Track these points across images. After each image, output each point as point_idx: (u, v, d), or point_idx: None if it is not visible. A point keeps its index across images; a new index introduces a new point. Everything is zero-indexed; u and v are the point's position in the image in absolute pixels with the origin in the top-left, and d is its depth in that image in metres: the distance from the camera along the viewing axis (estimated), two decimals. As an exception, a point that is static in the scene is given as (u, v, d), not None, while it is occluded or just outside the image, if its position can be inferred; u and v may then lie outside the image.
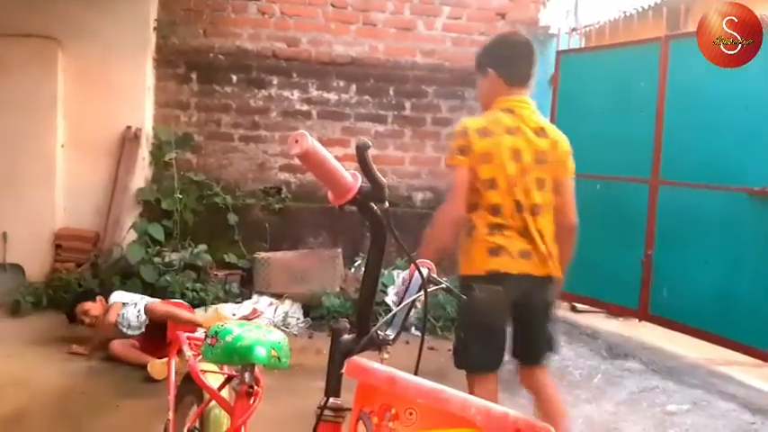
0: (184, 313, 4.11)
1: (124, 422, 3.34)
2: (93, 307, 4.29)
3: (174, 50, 5.77)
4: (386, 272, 5.32)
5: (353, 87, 5.95)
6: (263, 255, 5.40)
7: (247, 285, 5.41)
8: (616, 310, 5.30)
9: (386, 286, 5.21)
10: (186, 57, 5.81)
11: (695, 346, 4.64)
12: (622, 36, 5.63)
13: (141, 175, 5.54)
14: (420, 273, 1.32)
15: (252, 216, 5.69)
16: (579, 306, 5.54)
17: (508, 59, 2.61)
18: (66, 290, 4.94)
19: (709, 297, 4.48)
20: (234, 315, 4.80)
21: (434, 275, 1.51)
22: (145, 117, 5.59)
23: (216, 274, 5.32)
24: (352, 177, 1.14)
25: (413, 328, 4.38)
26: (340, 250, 5.47)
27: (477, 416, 0.97)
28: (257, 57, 5.88)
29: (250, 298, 5.21)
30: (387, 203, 1.15)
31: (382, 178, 1.13)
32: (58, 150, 5.37)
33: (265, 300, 5.14)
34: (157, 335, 4.07)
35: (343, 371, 1.21)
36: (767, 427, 3.56)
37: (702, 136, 4.55)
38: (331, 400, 1.23)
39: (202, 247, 5.31)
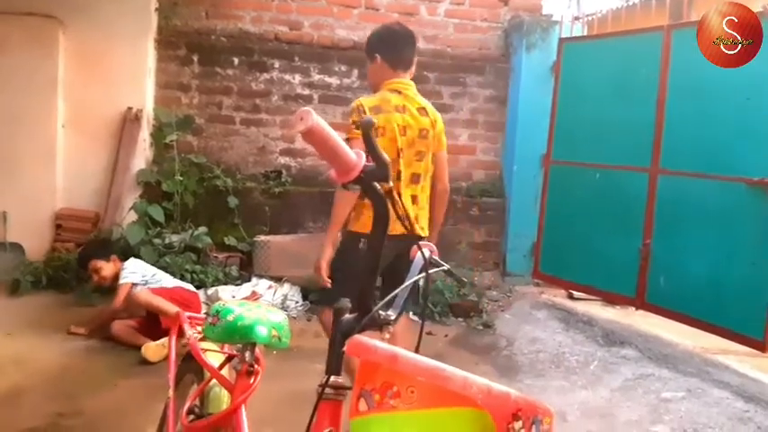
0: (165, 306, 4.05)
1: (122, 401, 3.35)
2: (106, 267, 4.28)
3: (176, 32, 5.73)
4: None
5: (355, 72, 5.92)
6: (262, 238, 5.39)
7: (247, 268, 5.41)
8: (613, 298, 5.30)
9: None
10: (188, 38, 5.77)
11: (691, 334, 4.65)
12: (625, 25, 5.59)
13: (142, 156, 5.52)
14: (423, 255, 1.31)
15: (252, 199, 5.68)
16: (576, 294, 5.54)
17: (392, 47, 2.97)
18: (65, 269, 4.94)
19: (705, 286, 4.48)
20: (233, 297, 4.81)
21: (436, 258, 1.51)
22: (146, 98, 5.57)
23: (216, 257, 5.32)
24: (356, 156, 1.13)
25: (410, 314, 4.38)
26: (339, 234, 5.45)
27: (479, 394, 0.97)
28: (259, 40, 5.84)
29: (249, 281, 5.22)
30: (390, 182, 1.15)
31: (386, 156, 1.13)
32: (59, 130, 5.35)
33: (264, 282, 5.15)
34: (156, 317, 4.09)
35: (344, 349, 1.21)
36: (760, 415, 3.57)
37: (703, 126, 4.53)
38: (332, 378, 1.23)
39: (202, 229, 5.31)
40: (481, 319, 4.97)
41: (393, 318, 1.30)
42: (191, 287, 4.51)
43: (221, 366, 1.83)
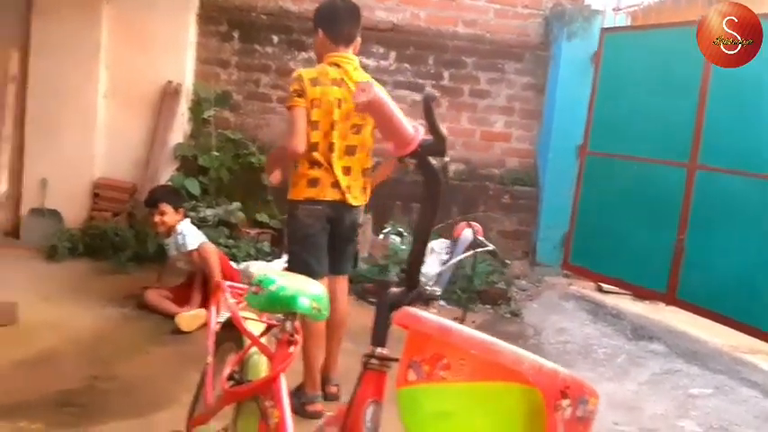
0: (218, 272, 4.07)
1: (155, 367, 3.41)
2: (172, 214, 4.25)
3: (218, 7, 5.76)
4: (414, 240, 5.33)
5: (393, 54, 5.90)
6: (294, 216, 5.42)
7: (278, 245, 5.45)
8: (643, 293, 5.26)
9: (413, 254, 5.22)
10: (229, 14, 5.80)
11: (721, 332, 4.61)
12: (668, 17, 5.50)
13: (180, 130, 5.58)
14: (476, 238, 1.32)
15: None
16: (605, 286, 5.51)
17: (332, 21, 3.01)
18: (102, 237, 5.03)
19: (737, 284, 4.43)
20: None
21: (481, 238, 1.51)
22: (186, 73, 5.61)
23: (248, 232, 5.37)
24: (413, 130, 1.14)
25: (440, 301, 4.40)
26: (370, 216, 5.47)
27: (530, 371, 0.98)
28: (299, 18, 5.84)
29: (280, 257, 5.25)
30: (447, 157, 1.15)
31: (444, 131, 1.13)
32: (99, 100, 5.41)
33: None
34: (190, 286, 4.15)
35: (390, 322, 1.22)
36: (789, 415, 3.54)
37: (744, 122, 4.45)
38: (377, 349, 1.25)
39: (236, 204, 5.35)
40: (509, 307, 4.96)
41: (439, 293, 1.31)
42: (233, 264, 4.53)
43: (261, 335, 1.86)
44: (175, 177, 5.38)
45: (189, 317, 3.90)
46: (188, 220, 4.36)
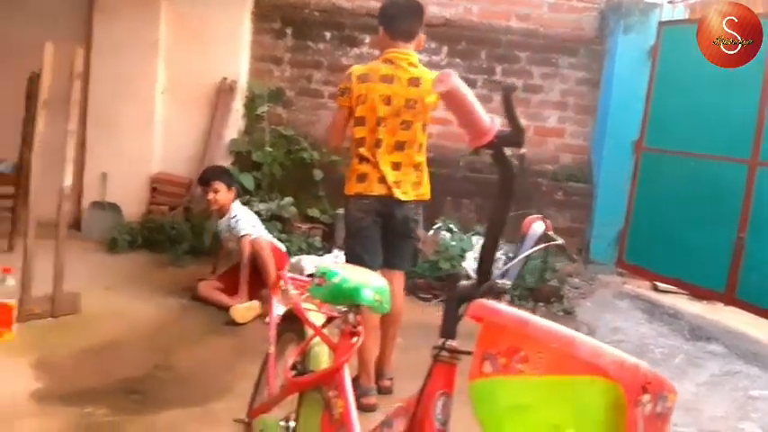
0: (271, 264, 4.15)
1: (212, 358, 3.49)
2: (224, 193, 4.34)
3: (272, 5, 5.83)
4: (464, 236, 5.30)
5: (445, 49, 5.87)
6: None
7: (329, 240, 5.49)
8: (700, 292, 5.11)
9: (464, 251, 5.18)
10: (282, 12, 5.86)
11: (782, 333, 4.47)
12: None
13: (234, 126, 5.67)
14: (549, 235, 1.30)
15: (336, 173, 5.71)
16: (661, 285, 5.38)
17: (391, 17, 3.04)
18: (159, 231, 5.15)
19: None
20: (315, 267, 4.87)
21: (550, 233, 1.49)
22: (240, 70, 5.70)
23: (299, 227, 5.42)
24: (490, 121, 1.13)
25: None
26: (420, 212, 5.46)
27: (611, 365, 0.96)
28: (351, 14, 5.87)
29: (331, 252, 5.29)
30: (524, 149, 1.14)
31: (522, 123, 1.12)
32: (158, 97, 5.54)
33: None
34: (237, 274, 4.22)
35: (461, 313, 1.22)
36: None
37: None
38: (448, 341, 1.24)
39: (288, 199, 5.41)
40: (562, 305, 4.88)
41: (509, 286, 1.30)
42: (282, 246, 4.57)
43: (322, 327, 1.87)
44: (230, 172, 5.45)
45: (243, 309, 3.96)
46: (240, 207, 4.43)
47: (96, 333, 3.55)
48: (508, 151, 1.14)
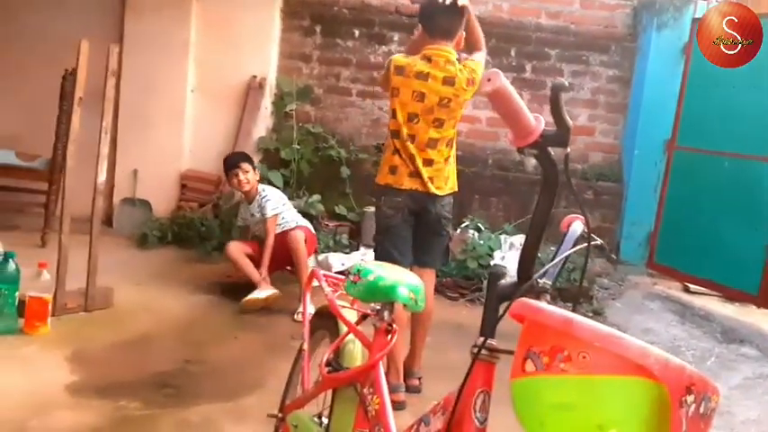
0: (304, 256, 4.17)
1: (242, 353, 3.53)
2: (252, 173, 4.40)
3: (301, 2, 5.87)
4: (492, 235, 5.29)
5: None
6: (372, 209, 5.44)
7: (356, 237, 5.52)
8: (733, 294, 5.05)
9: (492, 250, 5.18)
10: (311, 9, 5.90)
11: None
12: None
13: (263, 123, 5.72)
14: (588, 230, 1.30)
15: (363, 170, 5.76)
16: (693, 287, 5.32)
17: (430, 15, 3.05)
18: (189, 227, 5.22)
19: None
20: (342, 265, 4.92)
21: (594, 236, 1.48)
22: (270, 67, 5.75)
23: (327, 224, 5.46)
24: (535, 120, 1.14)
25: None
26: (451, 209, 5.46)
27: (656, 365, 0.96)
28: (380, 12, 5.89)
29: (358, 249, 5.32)
30: (569, 149, 1.14)
31: (569, 121, 1.12)
32: (188, 95, 5.61)
33: (372, 253, 5.23)
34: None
35: (501, 313, 1.22)
36: None
37: None
38: (488, 340, 1.25)
39: (316, 197, 5.45)
40: (591, 305, 4.85)
41: (549, 286, 1.30)
42: (309, 225, 4.59)
43: (357, 323, 1.89)
44: (259, 169, 5.50)
45: (254, 300, 4.02)
46: (268, 188, 4.51)
47: (128, 327, 3.61)
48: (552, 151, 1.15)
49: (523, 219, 5.43)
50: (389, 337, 1.74)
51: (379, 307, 1.78)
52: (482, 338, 1.25)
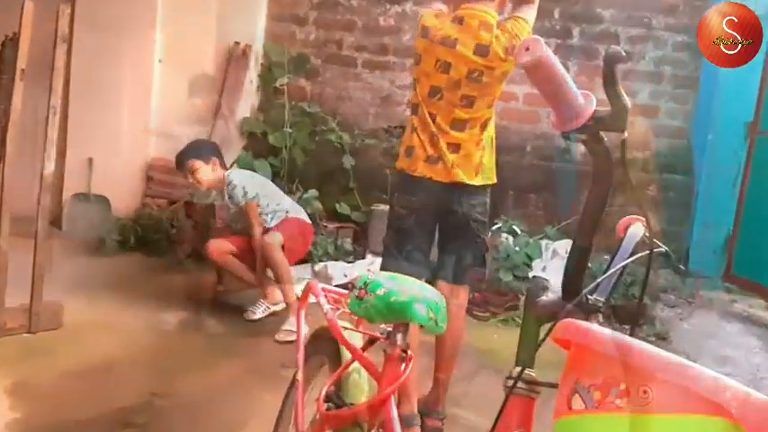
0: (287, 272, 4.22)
1: (218, 384, 3.51)
2: (204, 173, 4.42)
3: (294, -50, 5.89)
4: (531, 240, 5.29)
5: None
6: (381, 207, 5.46)
7: (361, 242, 5.53)
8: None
9: (530, 258, 5.18)
10: (307, -41, 5.92)
11: None
12: None
13: (248, 101, 5.75)
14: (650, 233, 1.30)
15: (371, 160, 5.77)
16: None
17: None
18: (156, 229, 5.25)
19: None
20: (345, 276, 4.92)
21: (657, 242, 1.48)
22: (255, 32, 5.78)
23: (325, 226, 5.46)
24: (584, 98, 1.14)
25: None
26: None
27: (733, 401, 0.96)
28: (392, -38, 5.91)
29: (364, 257, 5.32)
30: (626, 133, 1.14)
31: (626, 101, 1.12)
32: (155, 66, 5.63)
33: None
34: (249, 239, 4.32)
35: (543, 337, 1.23)
36: None
37: None
38: (525, 371, 1.25)
39: (312, 192, 5.46)
40: (654, 328, 4.84)
41: (602, 304, 1.30)
42: (306, 217, 4.60)
43: (364, 349, 1.89)
44: (242, 158, 5.53)
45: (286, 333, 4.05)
46: (237, 173, 4.53)
47: (82, 352, 3.62)
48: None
49: (569, 220, 5.43)
50: (403, 366, 1.74)
51: (390, 329, 1.78)
52: (518, 368, 1.25)
